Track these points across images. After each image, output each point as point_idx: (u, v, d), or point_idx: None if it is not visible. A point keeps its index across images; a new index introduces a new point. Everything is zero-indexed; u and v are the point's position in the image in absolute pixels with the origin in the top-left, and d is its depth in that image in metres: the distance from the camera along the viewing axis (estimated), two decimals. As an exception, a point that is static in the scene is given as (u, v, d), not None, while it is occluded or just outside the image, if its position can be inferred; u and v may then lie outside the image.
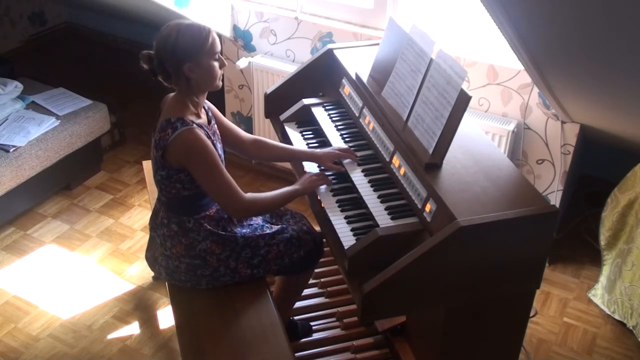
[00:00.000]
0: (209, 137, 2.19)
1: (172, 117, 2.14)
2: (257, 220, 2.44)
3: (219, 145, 2.30)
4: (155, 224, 2.36)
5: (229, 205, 2.20)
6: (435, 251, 1.86)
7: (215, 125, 2.35)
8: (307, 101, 2.72)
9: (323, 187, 2.34)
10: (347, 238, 2.11)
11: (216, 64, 2.17)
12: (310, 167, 2.48)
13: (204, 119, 2.25)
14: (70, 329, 2.85)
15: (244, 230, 2.35)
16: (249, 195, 2.22)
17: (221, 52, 2.23)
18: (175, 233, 2.27)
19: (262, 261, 2.33)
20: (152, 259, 2.42)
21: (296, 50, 3.46)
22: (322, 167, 2.45)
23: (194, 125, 2.13)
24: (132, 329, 2.86)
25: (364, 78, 2.55)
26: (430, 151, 2.13)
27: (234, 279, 2.32)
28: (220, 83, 2.24)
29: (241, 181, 3.76)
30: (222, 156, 2.31)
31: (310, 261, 2.44)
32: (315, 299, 2.85)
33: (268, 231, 2.36)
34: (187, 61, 2.11)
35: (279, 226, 2.41)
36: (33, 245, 3.30)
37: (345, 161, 2.40)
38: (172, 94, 2.24)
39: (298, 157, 2.52)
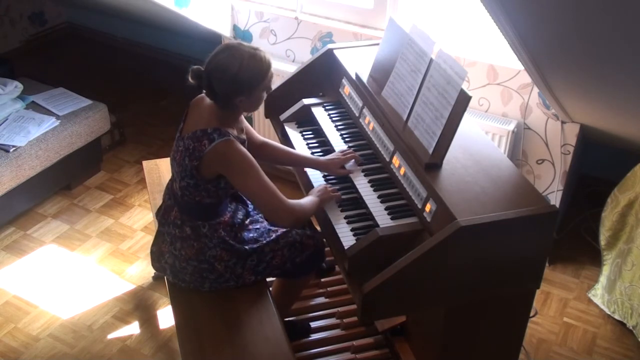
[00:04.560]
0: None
1: (208, 128, 2.12)
2: (264, 224, 2.44)
3: None
4: (165, 221, 2.35)
5: (273, 210, 2.18)
6: (435, 251, 1.86)
7: (245, 135, 2.34)
8: (307, 101, 2.72)
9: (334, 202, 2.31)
10: (347, 238, 2.11)
11: (265, 93, 2.19)
12: (313, 172, 2.47)
13: (237, 130, 2.25)
14: (70, 329, 2.85)
15: (251, 235, 2.35)
16: (291, 202, 2.21)
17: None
18: (187, 236, 2.27)
19: (266, 267, 2.33)
20: (157, 253, 2.41)
21: (296, 50, 3.46)
22: (327, 175, 2.44)
23: (231, 136, 2.12)
24: (132, 329, 2.86)
25: (364, 78, 2.55)
26: (430, 151, 2.13)
27: (237, 284, 2.33)
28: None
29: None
30: None
31: (310, 266, 2.43)
32: (315, 299, 2.85)
33: (273, 236, 2.36)
34: (240, 95, 2.11)
35: (282, 230, 2.40)
36: (33, 245, 3.30)
37: (348, 165, 2.39)
38: (207, 100, 2.21)
39: (302, 164, 2.51)
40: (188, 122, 2.23)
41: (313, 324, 2.72)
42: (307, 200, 2.27)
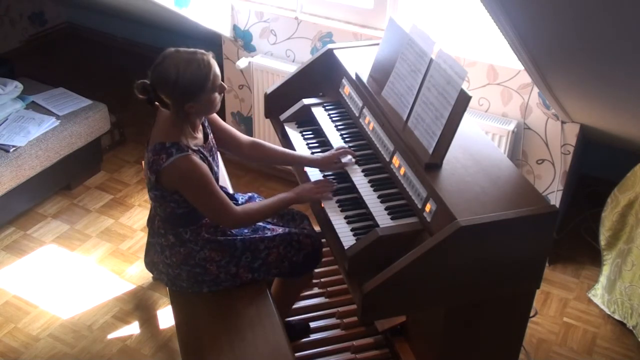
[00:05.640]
0: (205, 158, 2.17)
1: (167, 142, 2.09)
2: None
3: (214, 163, 2.27)
4: (152, 231, 2.35)
5: (221, 222, 2.22)
6: (435, 251, 1.86)
7: (212, 141, 2.31)
8: (307, 101, 2.72)
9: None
10: (347, 238, 2.11)
11: (217, 94, 2.13)
12: (313, 172, 2.47)
13: (200, 138, 2.21)
14: (70, 329, 2.85)
15: (245, 231, 2.35)
16: (241, 209, 2.21)
17: (222, 77, 2.17)
18: (172, 244, 2.27)
19: (262, 264, 2.33)
20: (151, 264, 2.41)
21: (296, 50, 3.46)
22: (327, 174, 2.44)
23: (189, 151, 2.10)
24: (132, 329, 2.86)
25: (364, 78, 2.55)
26: (430, 151, 2.13)
27: (235, 284, 2.32)
28: (219, 106, 2.20)
29: (241, 181, 3.76)
30: (218, 172, 2.30)
31: (308, 265, 2.43)
32: (315, 299, 2.85)
33: (269, 234, 2.36)
34: (188, 102, 2.07)
35: (280, 228, 2.40)
36: (33, 245, 3.30)
37: (345, 159, 2.39)
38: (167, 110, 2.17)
39: (297, 162, 2.49)
40: (153, 131, 2.20)
41: (313, 324, 2.72)
42: (270, 201, 2.26)
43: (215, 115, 2.36)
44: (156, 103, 2.14)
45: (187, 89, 2.05)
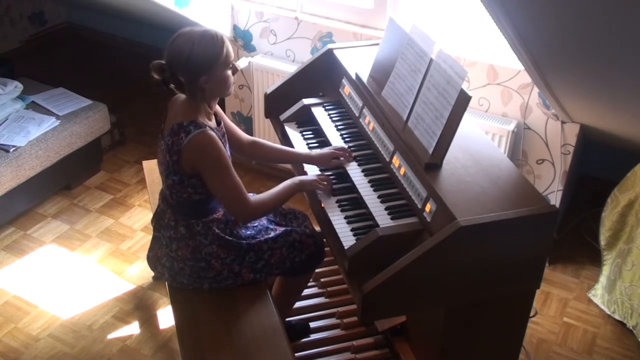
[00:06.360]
0: (220, 139, 2.19)
1: (184, 121, 2.13)
2: (262, 221, 2.45)
3: (227, 147, 2.30)
4: (160, 225, 2.35)
5: (236, 210, 2.22)
6: (435, 251, 1.86)
7: (224, 128, 2.35)
8: (307, 101, 2.72)
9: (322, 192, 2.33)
10: (347, 238, 2.11)
11: (230, 72, 2.17)
12: (310, 168, 2.48)
13: (213, 122, 2.26)
14: (70, 329, 2.85)
15: (249, 232, 2.36)
16: (254, 199, 2.23)
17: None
18: (182, 236, 2.27)
19: (265, 265, 2.33)
20: (154, 259, 2.41)
21: (296, 50, 3.46)
22: (322, 168, 2.45)
23: (207, 127, 2.14)
24: (132, 329, 2.86)
25: (364, 78, 2.55)
26: (430, 151, 2.13)
27: (236, 283, 2.33)
28: (233, 89, 2.24)
29: (241, 181, 3.75)
30: (230, 158, 2.32)
31: (311, 264, 2.44)
32: (315, 299, 2.85)
33: (272, 234, 2.37)
34: (202, 74, 2.10)
35: (282, 229, 2.41)
36: (33, 245, 3.30)
37: (342, 158, 2.40)
38: (181, 97, 2.22)
39: (295, 160, 2.53)
40: (167, 121, 2.24)
41: (313, 324, 2.72)
42: (280, 189, 2.27)
43: (221, 112, 2.39)
44: (171, 85, 2.17)
45: (201, 61, 2.09)
